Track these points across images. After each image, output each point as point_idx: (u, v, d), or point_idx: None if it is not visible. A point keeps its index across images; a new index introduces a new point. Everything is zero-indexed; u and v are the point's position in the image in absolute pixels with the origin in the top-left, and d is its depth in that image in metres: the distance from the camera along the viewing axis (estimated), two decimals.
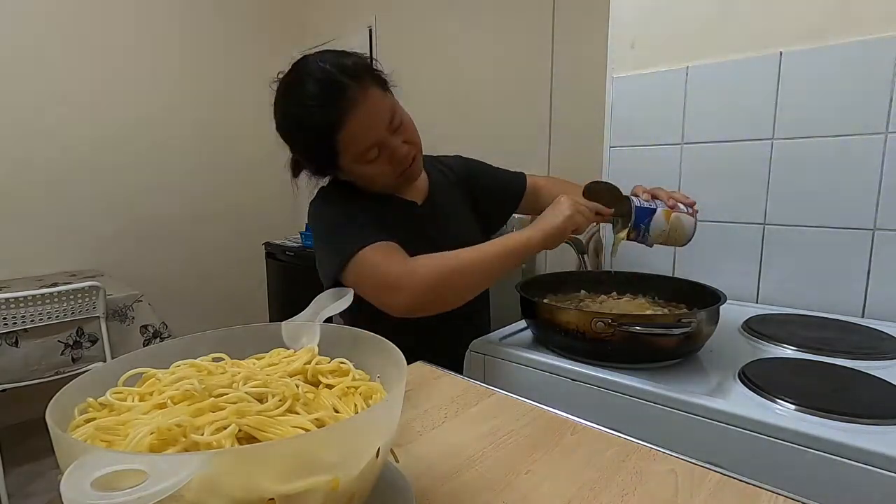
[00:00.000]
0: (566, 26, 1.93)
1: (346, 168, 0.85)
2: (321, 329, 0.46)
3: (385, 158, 0.83)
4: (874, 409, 0.57)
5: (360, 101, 0.78)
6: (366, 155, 0.81)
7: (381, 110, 0.81)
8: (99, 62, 2.53)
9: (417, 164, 0.89)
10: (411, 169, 0.87)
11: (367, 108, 0.78)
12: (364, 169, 0.84)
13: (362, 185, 0.90)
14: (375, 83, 0.81)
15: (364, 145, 0.80)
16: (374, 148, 0.81)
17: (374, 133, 0.80)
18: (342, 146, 0.80)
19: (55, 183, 2.43)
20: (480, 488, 0.44)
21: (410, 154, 0.86)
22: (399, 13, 2.60)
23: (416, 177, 0.91)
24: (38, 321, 1.68)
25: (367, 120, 0.79)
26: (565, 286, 0.96)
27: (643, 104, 1.13)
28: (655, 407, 0.63)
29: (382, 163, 0.83)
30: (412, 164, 0.87)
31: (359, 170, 0.84)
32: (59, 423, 0.30)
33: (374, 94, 0.80)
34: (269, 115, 0.87)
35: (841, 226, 0.93)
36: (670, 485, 0.44)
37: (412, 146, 0.86)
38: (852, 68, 0.89)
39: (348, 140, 0.79)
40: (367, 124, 0.79)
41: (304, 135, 0.83)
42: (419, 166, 0.90)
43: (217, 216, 3.02)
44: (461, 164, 1.10)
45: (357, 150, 0.80)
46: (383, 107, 0.81)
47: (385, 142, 0.82)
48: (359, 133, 0.79)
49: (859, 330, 0.84)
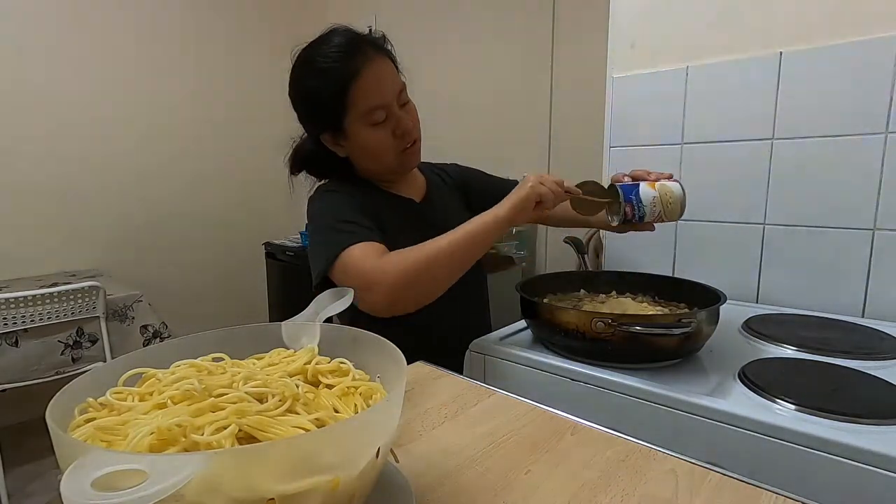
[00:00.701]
0: (566, 26, 1.93)
1: (350, 131, 0.85)
2: (321, 329, 0.46)
3: (389, 126, 0.85)
4: (874, 409, 0.57)
5: (377, 61, 0.82)
6: (373, 115, 0.83)
7: (393, 79, 0.85)
8: (98, 62, 2.53)
9: (417, 150, 0.90)
10: (411, 150, 0.89)
11: (381, 68, 0.83)
12: (368, 134, 0.85)
13: (363, 166, 0.92)
14: (391, 59, 0.86)
15: (374, 102, 0.82)
16: (382, 110, 0.83)
17: (384, 93, 0.83)
18: (353, 99, 0.82)
19: (55, 183, 2.43)
20: (480, 488, 0.44)
21: (413, 133, 0.88)
22: (399, 13, 2.60)
23: (413, 164, 0.92)
24: (38, 321, 1.68)
25: (381, 77, 0.83)
26: (565, 286, 0.96)
27: (643, 104, 1.13)
28: (655, 407, 0.63)
29: (386, 131, 0.85)
30: (412, 146, 0.88)
31: (363, 134, 0.85)
32: (59, 423, 0.30)
33: (388, 64, 0.85)
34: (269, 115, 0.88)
35: (841, 226, 0.93)
36: (670, 485, 0.44)
37: (415, 129, 0.88)
38: (852, 68, 0.89)
39: (360, 94, 0.81)
40: (380, 82, 0.82)
41: (319, 83, 0.83)
42: (417, 155, 0.91)
43: (217, 216, 3.02)
44: (457, 170, 1.12)
45: (366, 106, 0.82)
46: (395, 78, 0.86)
47: (392, 109, 0.84)
48: (371, 88, 0.81)
49: (859, 330, 0.84)
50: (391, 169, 0.91)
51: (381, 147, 0.86)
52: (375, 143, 0.86)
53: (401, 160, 0.89)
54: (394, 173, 0.94)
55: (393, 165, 0.90)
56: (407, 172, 0.96)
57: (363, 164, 0.92)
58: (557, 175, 0.81)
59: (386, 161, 0.89)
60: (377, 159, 0.89)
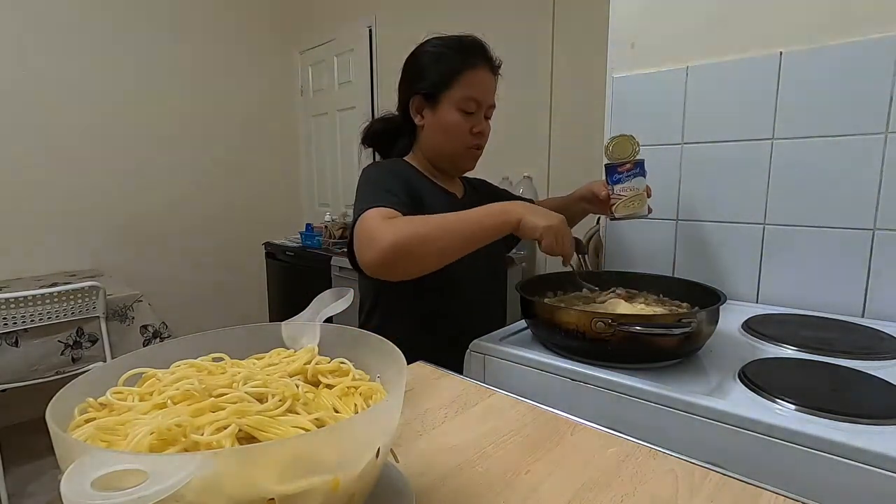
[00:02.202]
0: (566, 26, 1.93)
1: (441, 105, 0.96)
2: (321, 329, 0.46)
3: (471, 121, 0.97)
4: (874, 409, 0.57)
5: (491, 73, 0.98)
6: (467, 102, 0.95)
7: (492, 92, 0.99)
8: (99, 62, 2.53)
9: (476, 157, 1.02)
10: (474, 153, 1.00)
11: (491, 79, 0.98)
12: (453, 115, 0.96)
13: (428, 144, 1.01)
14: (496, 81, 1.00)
15: (473, 93, 0.95)
16: (475, 103, 0.95)
17: (484, 93, 0.96)
18: (461, 82, 0.94)
19: (56, 183, 2.44)
20: (480, 488, 0.44)
21: (483, 140, 1.00)
22: (399, 13, 2.60)
23: (469, 167, 1.03)
24: (38, 321, 1.68)
25: (487, 83, 0.97)
26: (565, 286, 0.96)
27: (643, 104, 1.13)
28: (655, 407, 0.63)
29: (468, 122, 0.96)
30: (477, 149, 1.00)
31: (450, 113, 0.96)
32: (59, 423, 0.30)
33: (495, 81, 0.99)
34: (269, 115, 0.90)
35: (841, 226, 0.93)
36: (670, 485, 0.44)
37: (485, 139, 1.01)
38: (852, 68, 0.89)
39: (468, 80, 0.94)
40: (485, 85, 0.96)
41: (450, 53, 0.95)
42: (475, 161, 1.03)
43: (217, 216, 3.02)
44: (486, 184, 1.22)
45: (466, 92, 0.94)
46: (493, 95, 0.99)
47: (481, 108, 0.97)
48: (477, 83, 0.95)
49: (859, 330, 0.84)
50: (452, 157, 1.01)
51: (457, 130, 0.96)
52: (455, 125, 0.96)
53: (463, 155, 1.00)
54: (450, 163, 1.02)
55: (457, 153, 0.99)
56: (458, 172, 1.05)
57: (430, 142, 1.01)
58: (557, 174, 0.82)
59: (453, 145, 0.98)
60: (448, 140, 0.98)
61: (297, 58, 3.33)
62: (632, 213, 0.94)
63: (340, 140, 3.09)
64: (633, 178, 0.94)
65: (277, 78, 3.23)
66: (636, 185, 0.94)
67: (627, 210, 0.94)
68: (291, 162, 3.33)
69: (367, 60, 2.82)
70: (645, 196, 0.94)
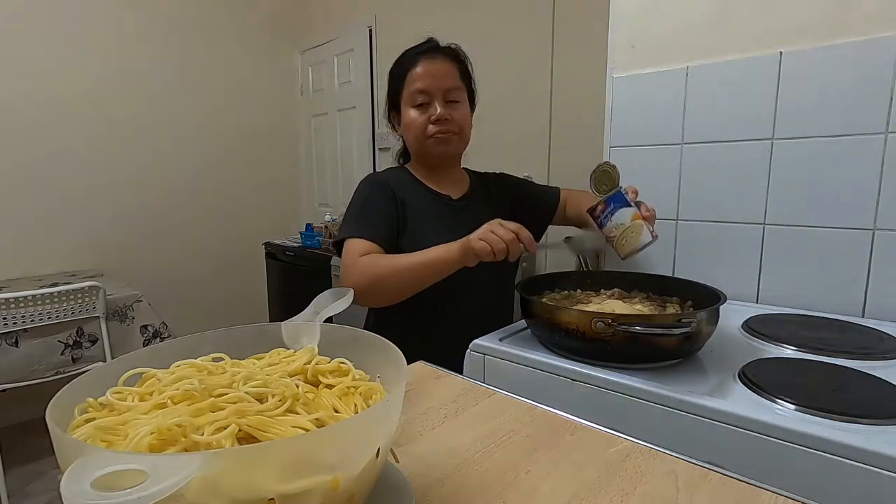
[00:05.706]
0: (566, 26, 1.93)
1: (403, 107, 1.03)
2: (321, 329, 0.46)
3: (428, 111, 1.00)
4: (874, 409, 0.57)
5: (438, 59, 1.00)
6: (415, 96, 1.00)
7: (446, 77, 1.00)
8: (100, 61, 2.53)
9: (444, 140, 1.02)
10: (439, 138, 1.01)
11: (437, 65, 1.00)
12: (409, 114, 1.02)
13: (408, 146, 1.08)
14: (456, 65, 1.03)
15: (418, 86, 0.99)
16: (423, 94, 0.99)
17: (430, 82, 0.99)
18: (407, 81, 1.01)
19: (55, 183, 2.43)
20: (480, 488, 0.44)
21: (449, 125, 1.01)
22: (399, 13, 2.60)
23: (438, 151, 1.03)
24: (38, 321, 1.68)
25: (433, 71, 0.99)
26: (565, 286, 0.96)
27: (643, 104, 1.13)
28: (655, 407, 0.63)
29: (424, 114, 1.00)
30: (441, 134, 1.00)
31: (406, 114, 1.02)
32: (59, 423, 0.30)
33: (448, 65, 1.01)
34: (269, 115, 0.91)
35: (841, 226, 0.93)
36: (670, 485, 0.44)
37: (452, 124, 1.01)
38: (852, 68, 0.89)
39: (411, 77, 1.00)
40: (430, 73, 0.99)
41: (395, 69, 1.05)
42: (445, 145, 1.03)
43: (217, 216, 3.02)
44: (501, 180, 1.22)
45: (412, 88, 1.00)
46: (450, 79, 1.00)
47: (433, 99, 1.00)
48: (421, 75, 0.99)
49: (859, 330, 0.84)
50: (420, 150, 1.05)
51: (415, 125, 1.01)
52: (412, 121, 1.01)
53: (428, 145, 1.02)
54: (424, 157, 1.06)
55: (421, 145, 1.03)
56: (436, 162, 1.07)
57: (408, 145, 1.08)
58: (557, 174, 0.82)
59: (417, 139, 1.02)
60: (413, 136, 1.03)
61: (298, 58, 3.33)
62: (633, 248, 0.86)
63: (340, 140, 3.09)
64: (612, 214, 0.87)
65: (278, 78, 3.23)
66: (620, 219, 0.87)
67: (628, 246, 0.87)
68: (291, 162, 3.33)
69: (367, 60, 2.82)
70: (638, 225, 0.86)
